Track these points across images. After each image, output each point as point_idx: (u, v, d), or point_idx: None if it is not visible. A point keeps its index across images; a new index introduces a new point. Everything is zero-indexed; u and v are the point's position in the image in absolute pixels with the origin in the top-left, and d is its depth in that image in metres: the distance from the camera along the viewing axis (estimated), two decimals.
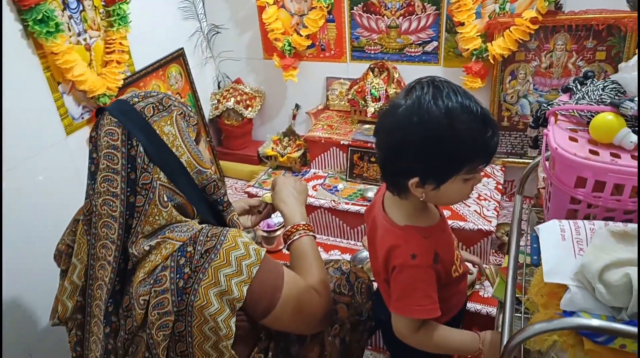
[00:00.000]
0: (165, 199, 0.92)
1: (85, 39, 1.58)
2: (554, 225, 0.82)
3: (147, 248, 0.90)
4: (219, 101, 2.21)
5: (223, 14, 2.15)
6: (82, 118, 1.62)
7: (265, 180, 2.02)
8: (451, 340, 0.99)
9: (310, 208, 1.85)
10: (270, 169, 2.09)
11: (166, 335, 0.88)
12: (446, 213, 1.68)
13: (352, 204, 1.79)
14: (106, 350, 0.94)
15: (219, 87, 2.32)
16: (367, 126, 1.96)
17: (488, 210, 1.68)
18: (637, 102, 0.83)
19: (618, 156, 0.82)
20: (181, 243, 0.90)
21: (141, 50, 1.82)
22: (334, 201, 1.81)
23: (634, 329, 0.67)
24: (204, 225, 0.96)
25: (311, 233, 1.15)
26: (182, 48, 2.05)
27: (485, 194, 1.76)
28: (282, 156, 2.04)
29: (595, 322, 0.70)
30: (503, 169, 1.91)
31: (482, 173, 0.92)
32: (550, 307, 0.78)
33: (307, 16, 1.96)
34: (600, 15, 1.58)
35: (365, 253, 1.76)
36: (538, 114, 1.03)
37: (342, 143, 1.91)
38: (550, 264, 0.77)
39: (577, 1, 1.62)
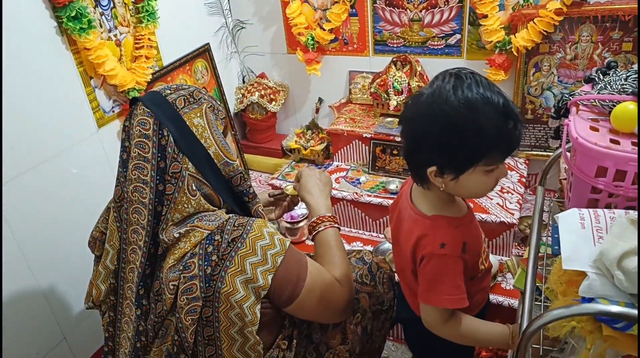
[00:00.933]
0: (194, 188, 0.95)
1: (115, 35, 1.64)
2: (574, 213, 0.83)
3: (176, 235, 0.93)
4: (243, 95, 2.25)
5: (248, 9, 2.19)
6: (113, 111, 1.69)
7: (289, 173, 2.06)
8: (481, 331, 0.99)
9: (333, 200, 1.87)
10: (294, 162, 2.13)
11: (194, 319, 0.92)
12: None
13: (375, 196, 1.81)
14: (137, 332, 0.99)
15: (243, 82, 2.36)
16: (389, 119, 1.97)
17: (511, 203, 1.67)
18: None
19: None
20: (209, 232, 0.94)
21: (169, 45, 1.87)
22: (356, 193, 1.83)
23: None
24: (231, 215, 0.99)
25: (336, 225, 1.18)
26: (208, 43, 2.10)
27: (509, 187, 1.75)
28: (306, 149, 2.07)
29: (614, 308, 0.71)
30: (527, 162, 1.90)
31: (506, 166, 0.91)
32: (569, 294, 0.79)
33: (330, 10, 1.98)
34: (626, 5, 1.56)
35: (387, 245, 1.77)
36: (560, 105, 1.03)
37: (364, 135, 1.93)
38: (568, 251, 0.77)
39: None
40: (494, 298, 1.53)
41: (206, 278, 0.91)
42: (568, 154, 1.11)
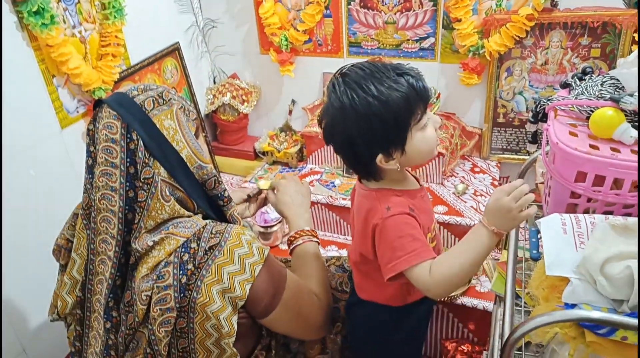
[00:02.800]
0: (168, 193, 0.91)
1: (80, 32, 1.56)
2: (555, 218, 0.83)
3: (150, 243, 0.89)
4: (214, 95, 2.19)
5: (219, 8, 2.14)
6: (77, 112, 1.61)
7: (262, 176, 2.02)
8: (460, 252, 0.92)
9: None
10: (267, 165, 2.09)
11: (168, 331, 0.88)
12: (442, 208, 1.69)
13: (349, 199, 1.79)
14: (106, 346, 0.94)
15: (214, 82, 2.30)
16: None
17: (484, 206, 1.68)
18: (636, 97, 0.84)
19: (618, 151, 0.83)
20: (185, 239, 0.90)
21: (137, 43, 1.80)
22: (331, 196, 1.81)
23: (635, 321, 0.68)
24: (208, 221, 0.95)
25: (315, 240, 1.17)
26: (178, 42, 2.04)
27: (482, 190, 1.77)
28: (279, 152, 2.03)
29: (596, 314, 0.71)
30: (498, 165, 1.92)
31: (434, 114, 0.96)
32: (552, 300, 0.79)
33: (304, 11, 1.95)
34: (595, 12, 1.60)
35: None
36: (537, 110, 1.04)
37: None
38: (551, 257, 0.77)
39: None
40: (468, 301, 1.54)
41: (181, 287, 0.87)
42: (546, 158, 1.12)
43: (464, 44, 1.76)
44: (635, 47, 1.54)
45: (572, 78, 1.03)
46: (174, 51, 2.02)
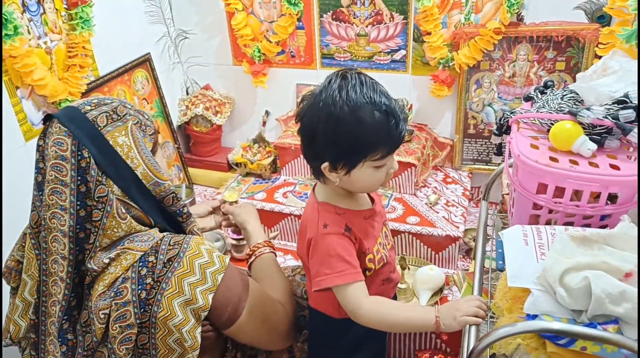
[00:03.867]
0: (123, 211, 0.90)
1: (45, 42, 1.53)
2: (517, 230, 0.84)
3: (106, 260, 0.87)
4: (187, 107, 2.17)
5: (191, 19, 2.13)
6: (42, 124, 1.57)
7: (235, 187, 2.00)
8: (405, 309, 0.97)
9: (280, 215, 1.84)
10: (240, 176, 2.07)
11: (129, 348, 0.85)
12: (415, 219, 1.70)
13: None
14: None
15: (187, 93, 2.28)
16: None
17: (456, 216, 1.70)
18: (593, 111, 0.86)
19: (576, 163, 0.85)
20: (142, 253, 0.88)
21: (106, 54, 1.78)
22: (304, 208, 1.80)
23: (594, 331, 0.69)
24: (165, 233, 0.94)
25: (273, 251, 1.18)
26: (149, 53, 2.01)
27: (453, 200, 1.79)
28: (252, 163, 2.02)
29: (556, 325, 0.72)
30: (470, 175, 1.95)
31: (396, 161, 0.98)
32: (515, 311, 0.80)
33: (277, 23, 1.96)
34: (559, 27, 1.64)
35: None
36: (502, 122, 1.06)
37: None
38: (513, 269, 0.78)
39: (538, 13, 1.67)
40: None
41: (141, 303, 0.85)
42: (510, 170, 1.14)
43: (434, 56, 1.79)
44: (596, 61, 1.58)
45: (534, 91, 1.06)
46: (145, 61, 2.00)
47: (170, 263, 0.88)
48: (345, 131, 0.90)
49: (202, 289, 0.88)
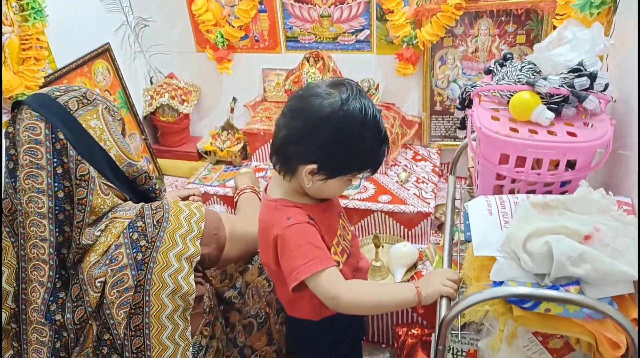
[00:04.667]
0: (106, 187, 0.94)
1: None
2: (481, 200, 0.86)
3: (98, 233, 0.91)
4: (152, 97, 2.13)
5: (150, 6, 2.07)
6: (10, 112, 1.51)
7: (206, 176, 1.98)
8: (384, 286, 0.98)
9: None
10: (210, 165, 2.05)
11: (127, 312, 0.89)
12: (386, 197, 1.72)
13: None
14: (54, 350, 0.92)
15: (151, 83, 2.23)
16: None
17: (426, 192, 1.73)
18: (550, 80, 0.88)
19: (535, 132, 0.87)
20: (129, 220, 0.93)
21: (62, 46, 1.72)
22: None
23: (557, 293, 0.72)
24: (142, 203, 0.99)
25: (254, 192, 1.30)
26: (108, 43, 1.95)
27: (423, 177, 1.81)
28: (222, 151, 2.00)
29: (521, 290, 0.74)
30: (439, 152, 1.97)
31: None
32: (482, 279, 0.82)
33: (238, 7, 1.92)
34: (518, 0, 1.66)
35: None
36: (464, 96, 1.07)
37: None
38: (479, 238, 0.80)
39: None
40: None
41: (137, 264, 0.90)
42: (474, 143, 1.16)
43: (398, 35, 1.79)
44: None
45: (494, 64, 1.07)
46: (105, 52, 1.94)
47: (159, 223, 0.94)
48: (348, 145, 0.91)
49: (191, 237, 0.96)
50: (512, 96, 0.93)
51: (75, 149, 0.90)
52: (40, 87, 1.57)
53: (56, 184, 0.89)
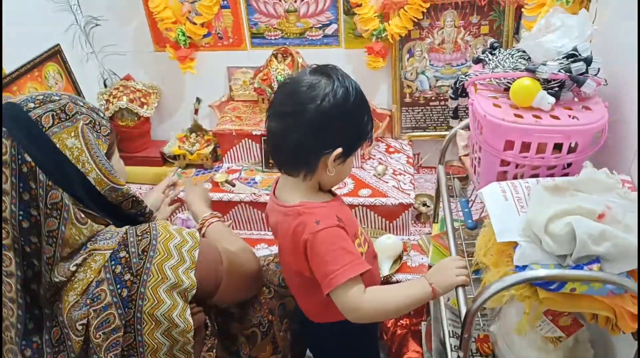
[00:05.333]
0: (82, 215, 0.82)
1: None
2: (495, 187, 0.87)
3: (73, 268, 0.80)
4: (108, 100, 2.00)
5: (100, 4, 1.94)
6: None
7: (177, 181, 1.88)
8: (399, 289, 0.96)
9: (230, 204, 1.77)
10: (180, 169, 1.96)
11: (117, 354, 0.80)
12: (366, 191, 1.71)
13: None
14: None
15: (105, 86, 2.10)
16: None
17: (405, 184, 1.74)
18: (550, 66, 0.90)
19: (540, 117, 0.89)
20: (111, 251, 0.82)
21: (8, 49, 1.57)
22: (254, 194, 1.75)
23: (582, 272, 0.74)
24: (126, 226, 0.88)
25: (219, 219, 1.16)
26: (59, 44, 1.81)
27: (399, 169, 1.83)
28: (192, 154, 1.92)
29: (546, 272, 0.75)
30: (410, 143, 2.00)
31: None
32: (501, 265, 0.83)
33: (200, 3, 1.85)
34: None
35: None
36: (457, 86, 1.08)
37: (254, 133, 1.85)
38: (499, 224, 0.81)
39: None
40: (402, 276, 1.59)
41: (123, 301, 0.80)
42: (464, 132, 1.17)
43: (367, 28, 1.79)
44: (524, 22, 1.67)
45: (484, 53, 1.09)
46: (55, 54, 1.80)
47: (145, 253, 0.84)
48: (355, 118, 0.94)
49: (184, 269, 0.86)
50: (510, 83, 0.95)
51: (46, 173, 0.78)
52: None
53: (21, 212, 0.77)
